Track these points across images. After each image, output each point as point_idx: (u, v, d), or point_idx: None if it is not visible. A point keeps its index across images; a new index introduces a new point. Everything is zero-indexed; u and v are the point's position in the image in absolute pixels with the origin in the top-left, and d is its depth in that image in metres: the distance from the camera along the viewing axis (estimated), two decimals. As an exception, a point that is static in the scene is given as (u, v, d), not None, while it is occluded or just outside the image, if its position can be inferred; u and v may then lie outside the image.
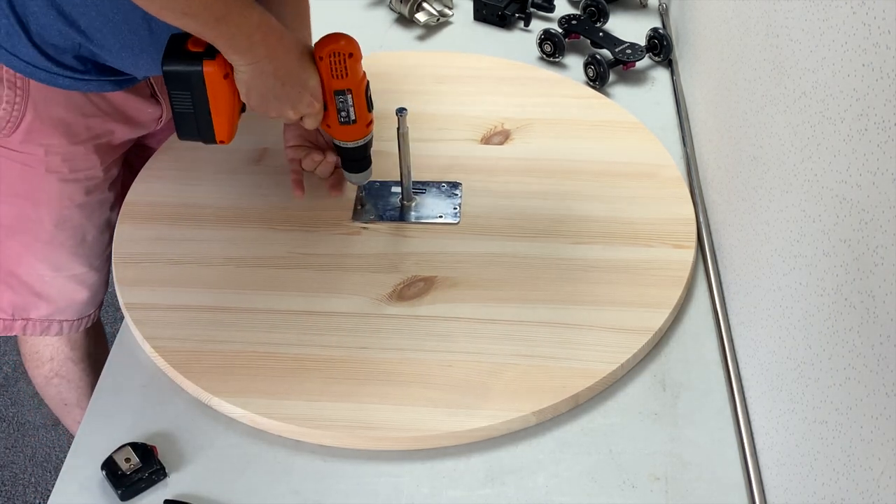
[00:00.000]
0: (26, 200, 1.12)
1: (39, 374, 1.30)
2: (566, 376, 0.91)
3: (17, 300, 1.18)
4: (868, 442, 0.60)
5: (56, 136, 1.08)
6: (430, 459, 0.87)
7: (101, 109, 1.11)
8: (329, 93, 0.98)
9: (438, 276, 1.01)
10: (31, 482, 1.80)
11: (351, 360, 0.93)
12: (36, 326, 1.20)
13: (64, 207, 1.13)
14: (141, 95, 1.14)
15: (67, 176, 1.12)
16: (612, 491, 0.84)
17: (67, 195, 1.13)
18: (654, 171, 1.14)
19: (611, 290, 0.99)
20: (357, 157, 1.05)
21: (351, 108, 0.99)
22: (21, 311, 1.19)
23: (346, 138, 1.02)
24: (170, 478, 0.85)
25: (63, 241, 1.15)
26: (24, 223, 1.13)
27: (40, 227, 1.13)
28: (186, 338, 0.95)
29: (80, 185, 1.13)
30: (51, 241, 1.14)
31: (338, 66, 0.96)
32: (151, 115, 1.17)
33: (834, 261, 0.67)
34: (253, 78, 0.94)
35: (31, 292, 1.17)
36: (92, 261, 1.19)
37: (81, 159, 1.12)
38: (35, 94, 1.05)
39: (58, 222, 1.14)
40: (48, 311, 1.19)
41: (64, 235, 1.15)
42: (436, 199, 1.11)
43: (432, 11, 1.44)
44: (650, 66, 1.35)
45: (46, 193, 1.12)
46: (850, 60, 0.64)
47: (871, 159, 0.61)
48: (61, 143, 1.09)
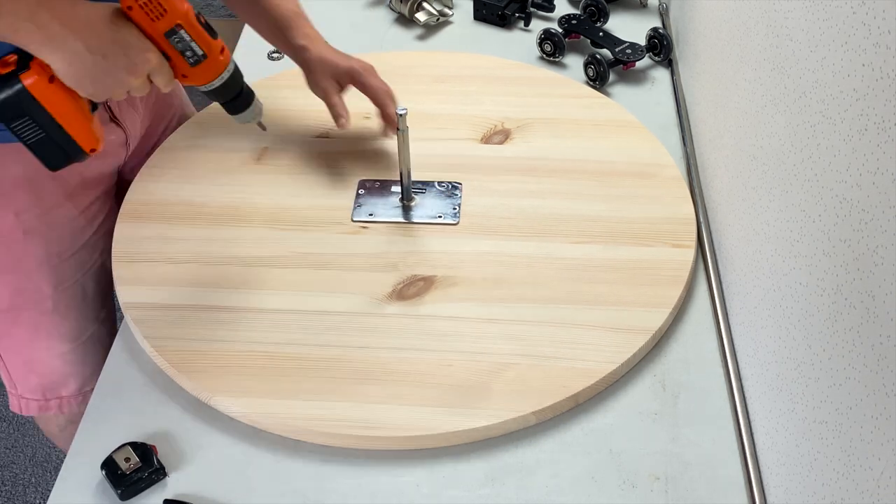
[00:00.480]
0: (17, 274, 1.09)
1: (51, 426, 1.29)
2: (566, 376, 0.91)
3: (45, 381, 1.16)
4: (868, 442, 0.60)
5: (21, 196, 1.04)
6: (430, 459, 0.87)
7: None
8: (160, 39, 0.87)
9: (438, 276, 1.01)
10: (31, 482, 1.80)
11: (351, 360, 0.93)
12: (72, 403, 1.18)
13: (55, 267, 1.10)
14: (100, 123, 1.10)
15: (48, 233, 1.08)
16: (612, 491, 0.84)
17: (55, 253, 1.09)
18: (654, 171, 1.14)
19: (611, 290, 0.99)
20: (232, 93, 0.95)
21: (193, 43, 0.88)
22: (51, 391, 1.17)
23: (208, 78, 0.92)
24: (169, 477, 0.85)
25: (67, 302, 1.12)
26: (22, 298, 1.10)
27: (40, 297, 1.10)
28: (186, 337, 0.95)
29: (64, 239, 1.10)
30: (55, 309, 1.12)
31: (150, 5, 0.85)
32: (114, 141, 1.12)
33: (834, 261, 0.67)
34: (70, 65, 0.82)
35: (57, 373, 1.16)
36: (98, 314, 1.17)
37: (56, 211, 1.08)
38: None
39: (55, 284, 1.11)
40: (77, 384, 1.17)
41: (66, 297, 1.12)
42: (436, 199, 1.11)
43: (432, 11, 1.44)
44: (650, 66, 1.35)
45: (34, 259, 1.08)
46: (850, 60, 0.64)
47: (871, 159, 0.61)
48: (30, 200, 1.05)
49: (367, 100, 1.14)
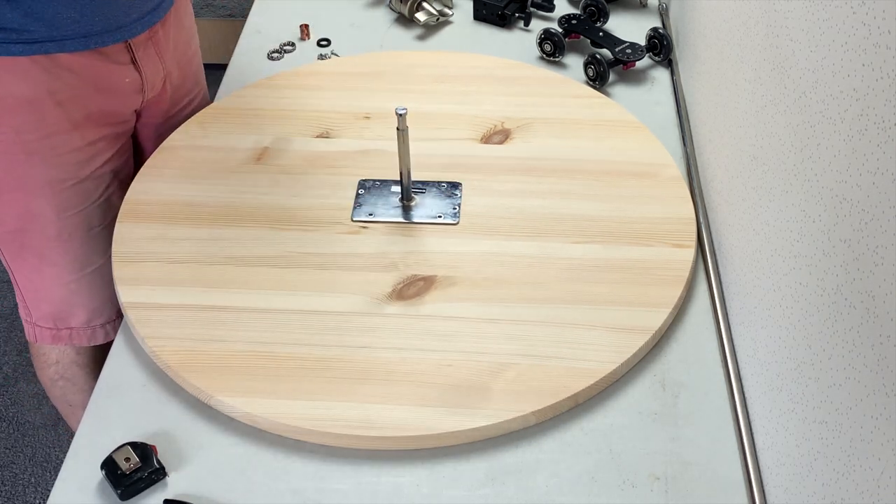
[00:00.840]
0: (20, 192, 1.09)
1: (45, 374, 1.31)
2: (566, 376, 0.91)
3: (55, 310, 1.18)
4: (868, 442, 0.60)
5: (23, 114, 1.04)
6: (430, 459, 0.87)
7: (68, 83, 1.06)
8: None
9: (438, 276, 1.01)
10: (31, 482, 1.80)
11: (351, 360, 0.93)
12: (81, 335, 1.20)
13: (58, 192, 1.10)
14: (115, 62, 1.09)
15: (51, 159, 1.08)
16: (612, 491, 0.84)
17: (58, 178, 1.10)
18: (654, 171, 1.14)
19: (611, 290, 0.99)
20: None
21: None
22: (62, 321, 1.18)
23: None
24: (169, 477, 0.85)
25: (72, 231, 1.13)
26: (28, 220, 1.11)
27: (45, 221, 1.12)
28: (186, 337, 0.95)
29: (68, 166, 1.10)
30: (59, 235, 1.13)
31: None
32: (130, 84, 1.13)
33: (834, 261, 0.67)
34: None
35: (65, 303, 1.17)
36: (106, 249, 1.15)
37: (59, 137, 1.08)
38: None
39: (59, 210, 1.11)
40: (86, 316, 1.19)
41: (71, 224, 1.13)
42: (435, 199, 1.11)
43: (432, 11, 1.44)
44: (650, 66, 1.35)
45: (36, 180, 1.09)
46: (850, 60, 0.64)
47: (871, 159, 0.61)
48: (32, 122, 1.05)
49: (366, 100, 1.13)
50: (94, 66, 1.07)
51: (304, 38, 1.43)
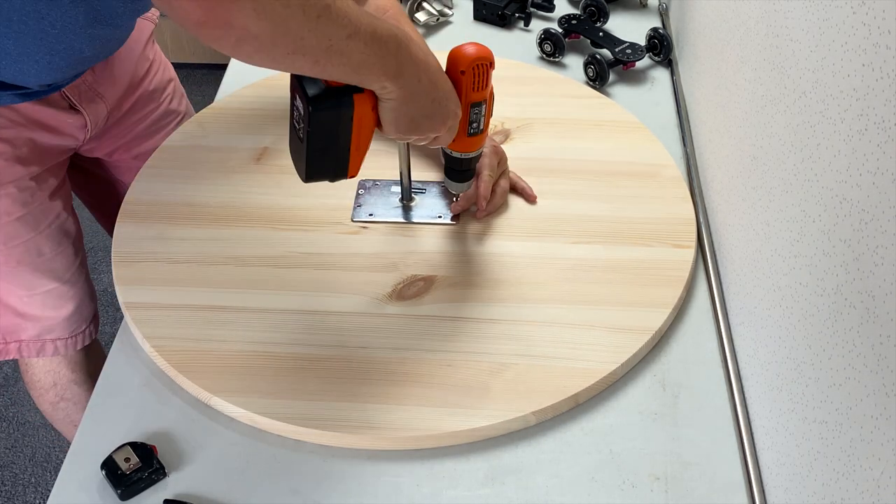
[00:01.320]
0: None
1: (45, 400, 1.30)
2: (566, 376, 0.91)
3: (4, 323, 1.17)
4: (868, 442, 0.60)
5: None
6: (430, 459, 0.87)
7: (11, 120, 1.06)
8: (466, 105, 0.92)
9: (438, 276, 1.01)
10: (31, 482, 1.80)
11: (351, 360, 0.93)
12: (30, 348, 1.19)
13: (2, 225, 1.10)
14: (55, 107, 1.11)
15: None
16: (612, 491, 0.84)
17: (3, 211, 1.10)
18: (654, 171, 1.14)
19: (611, 290, 0.99)
20: (469, 167, 1.01)
21: (482, 118, 0.95)
22: (11, 334, 1.18)
23: (468, 149, 0.98)
24: (169, 477, 0.85)
25: (19, 258, 1.13)
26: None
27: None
28: (186, 337, 0.95)
29: (12, 198, 1.10)
30: (7, 261, 1.13)
31: (480, 78, 0.91)
32: (73, 124, 1.14)
33: (834, 261, 0.67)
34: (404, 102, 0.85)
35: (15, 314, 1.17)
36: (60, 275, 1.18)
37: (3, 173, 1.08)
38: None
39: (5, 240, 1.12)
40: (36, 330, 1.18)
41: (18, 252, 1.13)
42: (435, 199, 1.11)
43: (432, 11, 1.44)
44: (650, 66, 1.35)
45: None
46: (850, 60, 0.64)
47: (871, 159, 0.61)
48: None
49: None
50: (36, 110, 1.08)
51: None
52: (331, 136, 0.86)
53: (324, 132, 0.86)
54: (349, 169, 0.90)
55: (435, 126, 0.89)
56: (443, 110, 0.89)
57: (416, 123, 0.88)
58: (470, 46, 0.91)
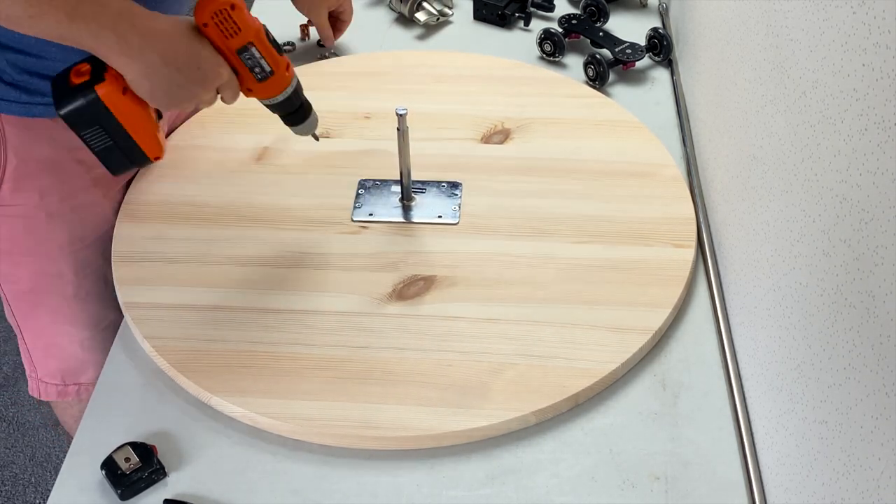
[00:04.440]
0: (39, 256, 1.08)
1: (68, 415, 1.28)
2: (566, 376, 0.91)
3: (64, 367, 1.16)
4: (868, 442, 0.60)
5: (46, 177, 1.03)
6: (430, 459, 0.87)
7: None
8: (232, 56, 0.90)
9: (438, 276, 1.01)
10: (31, 482, 1.80)
11: (351, 360, 0.93)
12: (90, 390, 1.15)
13: (78, 251, 1.09)
14: None
15: (71, 217, 1.07)
16: (612, 491, 0.84)
17: (78, 237, 1.08)
18: (654, 171, 1.14)
19: (611, 290, 0.99)
20: (292, 107, 0.98)
21: (262, 60, 0.90)
22: (71, 376, 1.17)
23: (272, 93, 0.95)
24: (169, 477, 0.85)
25: (89, 288, 1.11)
26: (44, 281, 1.09)
27: (62, 281, 1.10)
28: (186, 337, 0.95)
29: (87, 223, 1.09)
30: (76, 294, 1.11)
31: (225, 24, 0.87)
32: None
33: (834, 261, 0.67)
34: (146, 77, 0.84)
35: (76, 359, 1.15)
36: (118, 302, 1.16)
37: (81, 196, 1.07)
38: (12, 138, 1.00)
39: (77, 269, 1.10)
40: (96, 372, 1.14)
41: (88, 283, 1.11)
42: (435, 199, 1.11)
43: (432, 11, 1.44)
44: (650, 66, 1.35)
45: (56, 242, 1.07)
46: (850, 60, 0.64)
47: (871, 159, 0.61)
48: (54, 184, 1.04)
49: (366, 100, 1.13)
50: None
51: (304, 38, 1.43)
52: (100, 131, 0.87)
53: (90, 130, 0.87)
54: (146, 152, 0.91)
55: (196, 91, 0.88)
56: (194, 74, 0.87)
57: (172, 93, 0.87)
58: None
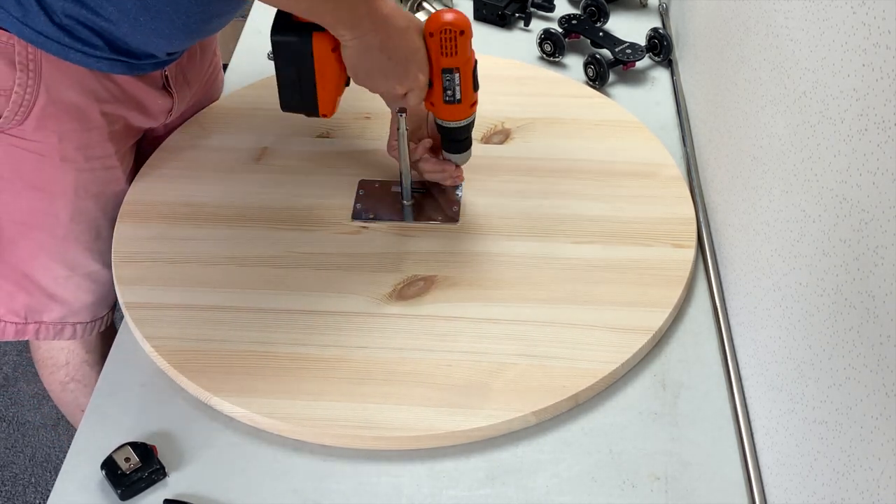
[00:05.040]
0: (42, 192, 1.09)
1: (54, 379, 1.28)
2: (566, 376, 0.91)
3: (31, 302, 1.15)
4: (868, 442, 0.60)
5: (69, 121, 1.05)
6: (430, 459, 0.87)
7: (114, 95, 1.07)
8: (437, 70, 0.97)
9: (438, 276, 1.01)
10: (31, 482, 1.80)
11: (351, 360, 0.93)
12: (49, 330, 1.17)
13: (80, 199, 1.10)
14: (153, 86, 1.11)
15: (83, 165, 1.08)
16: (612, 491, 0.84)
17: (83, 185, 1.09)
18: (654, 171, 1.14)
19: (611, 290, 0.99)
20: (459, 137, 1.04)
21: (457, 87, 0.98)
22: (34, 314, 1.16)
23: (450, 118, 1.01)
24: (169, 477, 0.85)
25: (78, 235, 1.12)
26: (38, 217, 1.10)
27: (56, 222, 1.10)
28: (186, 337, 0.95)
29: (95, 174, 1.10)
30: (66, 237, 1.12)
31: (448, 43, 0.95)
32: (162, 105, 1.15)
33: (834, 261, 0.67)
34: (359, 53, 0.93)
35: (45, 294, 1.15)
36: (106, 257, 1.15)
37: (97, 147, 1.08)
38: (47, 77, 1.01)
39: (73, 215, 1.10)
40: (61, 313, 1.17)
41: (79, 230, 1.12)
42: (436, 199, 1.11)
43: (432, 11, 1.44)
44: (650, 66, 1.35)
45: (62, 184, 1.08)
46: (850, 60, 0.64)
47: (871, 159, 0.61)
48: (75, 129, 1.05)
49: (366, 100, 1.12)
50: (136, 85, 1.09)
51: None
52: (293, 67, 0.96)
53: (285, 61, 0.96)
54: (319, 105, 0.99)
55: (391, 84, 0.97)
56: (400, 69, 0.95)
57: (372, 77, 0.96)
58: (447, 13, 0.95)
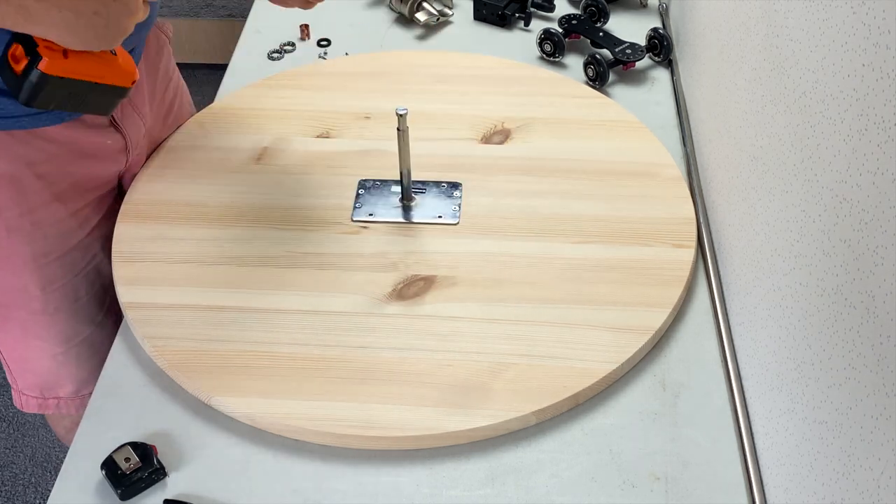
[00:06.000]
0: (3, 271, 1.05)
1: (60, 425, 1.28)
2: (566, 376, 0.91)
3: (41, 382, 1.15)
4: (868, 442, 0.60)
5: (3, 191, 0.99)
6: (430, 459, 0.87)
7: (49, 153, 1.00)
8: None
9: (438, 276, 1.01)
10: (31, 482, 1.80)
11: (351, 360, 0.93)
12: (69, 404, 1.16)
13: (42, 267, 1.06)
14: (93, 126, 1.04)
15: (32, 232, 1.03)
16: (612, 491, 0.84)
17: (41, 253, 1.05)
18: (654, 171, 1.14)
19: (611, 290, 0.99)
20: None
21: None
22: (49, 390, 1.15)
23: None
24: (169, 477, 0.86)
25: (57, 304, 1.09)
26: (10, 296, 1.07)
27: (28, 297, 1.07)
28: (186, 337, 0.95)
29: (50, 239, 1.05)
30: (45, 310, 1.09)
31: None
32: (112, 146, 1.08)
33: (834, 261, 0.67)
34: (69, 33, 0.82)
35: (51, 374, 1.14)
36: (94, 317, 1.13)
37: (41, 211, 1.03)
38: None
39: (43, 285, 1.07)
40: (74, 387, 1.15)
41: (56, 298, 1.09)
42: (435, 199, 1.11)
43: (432, 11, 1.44)
44: (650, 66, 1.35)
45: (19, 257, 1.04)
46: (850, 60, 0.64)
47: (871, 159, 0.61)
48: (12, 199, 1.00)
49: (366, 100, 1.13)
50: (73, 133, 1.02)
51: (304, 38, 1.43)
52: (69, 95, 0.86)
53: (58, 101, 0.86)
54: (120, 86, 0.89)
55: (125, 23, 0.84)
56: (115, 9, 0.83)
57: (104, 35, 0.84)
58: None
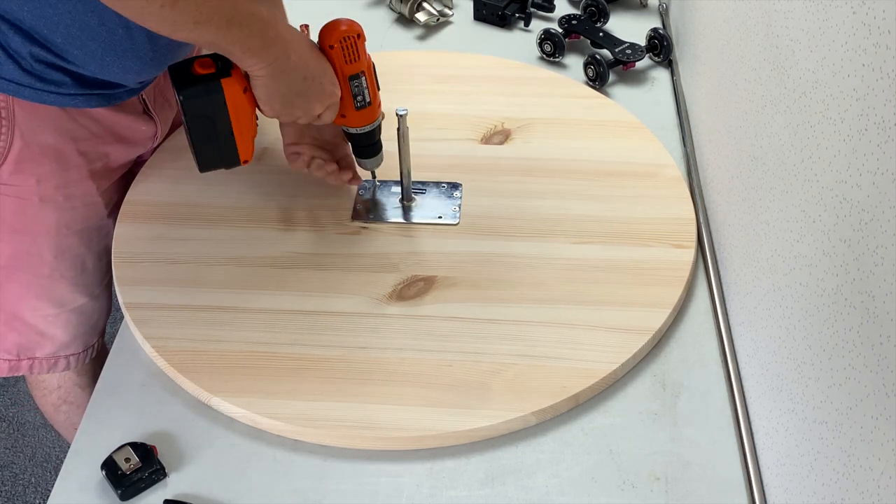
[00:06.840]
0: (23, 235, 1.08)
1: (47, 402, 1.29)
2: (566, 376, 0.91)
3: (22, 341, 1.16)
4: (868, 442, 0.61)
5: (47, 163, 1.04)
6: (430, 459, 0.87)
7: (91, 132, 1.06)
8: (344, 79, 0.97)
9: (438, 276, 1.01)
10: (31, 482, 1.80)
11: (351, 360, 0.93)
12: (42, 365, 1.18)
13: (62, 237, 1.09)
14: (132, 112, 1.10)
15: (63, 204, 1.07)
16: (612, 491, 0.84)
17: (65, 224, 1.09)
18: (654, 171, 1.14)
19: (611, 290, 0.99)
20: (372, 140, 1.04)
21: (366, 90, 0.99)
22: (26, 350, 1.17)
23: (362, 123, 1.01)
24: (169, 478, 0.86)
25: (64, 272, 1.12)
26: (22, 259, 1.10)
27: (40, 262, 1.10)
28: (186, 338, 0.95)
29: (76, 212, 1.09)
30: (51, 275, 1.11)
31: (350, 49, 0.96)
32: (145, 132, 1.14)
33: (834, 261, 0.67)
34: (274, 80, 0.91)
35: (36, 332, 1.15)
36: (92, 290, 1.16)
37: (76, 186, 1.08)
38: (21, 122, 1.00)
39: (57, 253, 1.10)
40: (53, 348, 1.17)
41: (64, 266, 1.12)
42: (436, 200, 1.11)
43: (432, 11, 1.44)
44: (650, 66, 1.35)
45: (43, 225, 1.08)
46: (850, 60, 0.65)
47: (871, 159, 0.61)
48: (53, 171, 1.05)
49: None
50: (115, 117, 1.08)
51: (304, 38, 1.43)
52: (209, 123, 0.92)
53: (200, 120, 0.92)
54: (239, 154, 0.97)
55: (311, 104, 0.95)
56: (316, 87, 0.94)
57: (290, 101, 0.94)
58: (340, 23, 0.96)
